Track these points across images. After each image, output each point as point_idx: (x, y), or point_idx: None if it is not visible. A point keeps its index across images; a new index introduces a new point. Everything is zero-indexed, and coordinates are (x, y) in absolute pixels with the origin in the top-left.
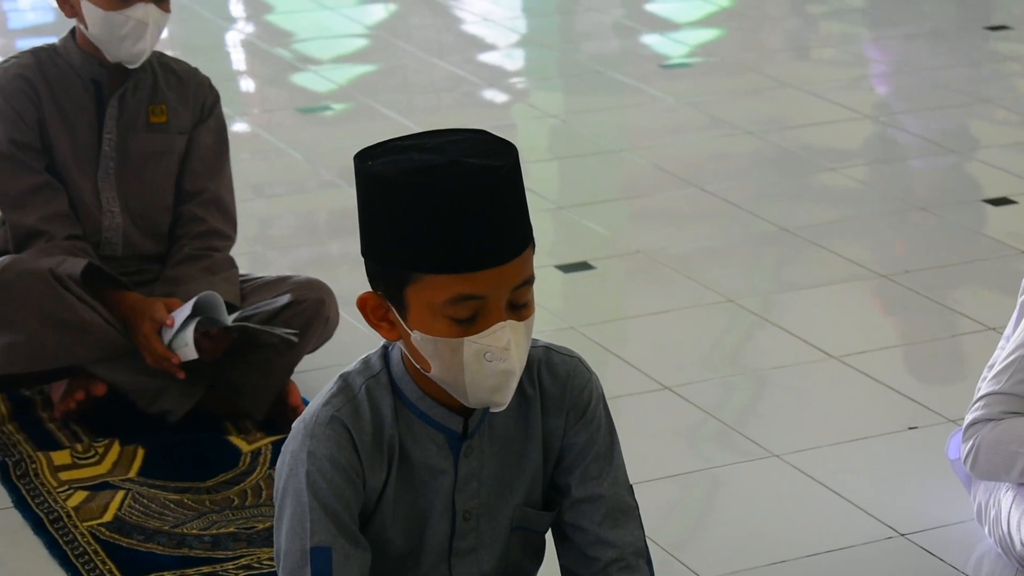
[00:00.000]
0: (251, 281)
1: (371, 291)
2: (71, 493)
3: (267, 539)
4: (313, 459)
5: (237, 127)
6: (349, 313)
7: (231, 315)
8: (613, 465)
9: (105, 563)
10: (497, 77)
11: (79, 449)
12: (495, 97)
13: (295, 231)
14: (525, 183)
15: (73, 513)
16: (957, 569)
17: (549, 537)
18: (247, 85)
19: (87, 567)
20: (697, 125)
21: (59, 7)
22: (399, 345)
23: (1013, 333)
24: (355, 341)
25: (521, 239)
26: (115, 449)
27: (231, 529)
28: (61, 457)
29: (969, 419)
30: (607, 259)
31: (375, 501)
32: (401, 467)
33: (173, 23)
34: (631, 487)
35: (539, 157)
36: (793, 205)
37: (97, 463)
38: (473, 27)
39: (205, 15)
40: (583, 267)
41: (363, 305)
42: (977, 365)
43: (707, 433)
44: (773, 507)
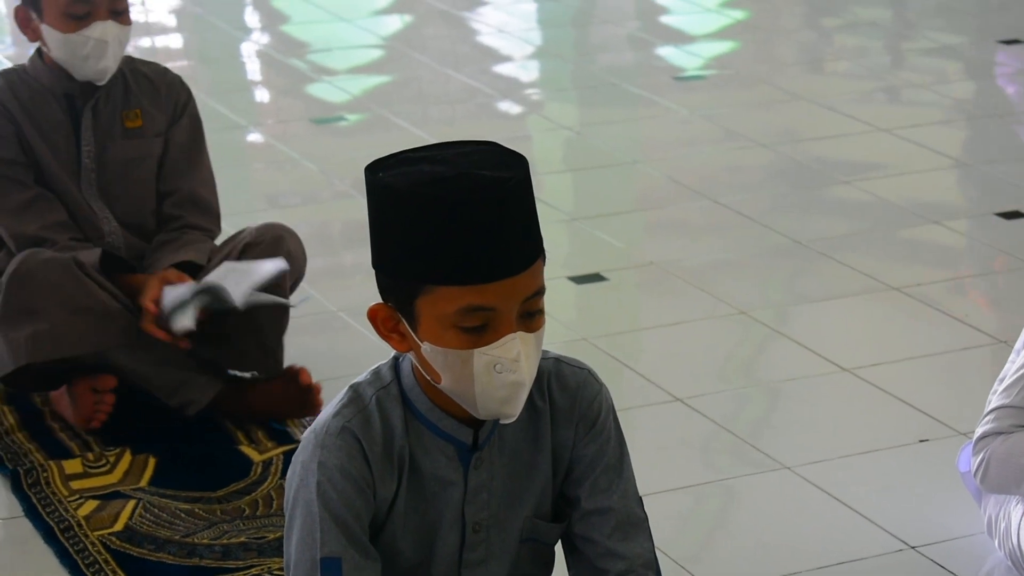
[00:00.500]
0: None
1: (381, 303)
2: (82, 502)
3: (278, 549)
4: (324, 469)
5: (251, 138)
6: (360, 323)
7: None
8: (623, 477)
9: (116, 573)
10: (512, 89)
11: (90, 458)
12: (510, 109)
13: (309, 241)
14: (539, 195)
15: (84, 522)
16: None
17: (559, 549)
18: (262, 96)
19: None
20: (711, 137)
21: (22, 32)
22: (409, 356)
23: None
24: (366, 352)
25: (531, 251)
26: (126, 458)
27: (242, 539)
28: (72, 466)
29: (979, 432)
30: (620, 271)
31: (385, 512)
32: (411, 478)
33: (188, 32)
34: (641, 499)
35: (553, 169)
36: (806, 217)
37: (108, 472)
38: (488, 39)
39: (220, 26)
40: (596, 279)
41: (374, 317)
42: (988, 378)
43: (719, 445)
44: (784, 519)
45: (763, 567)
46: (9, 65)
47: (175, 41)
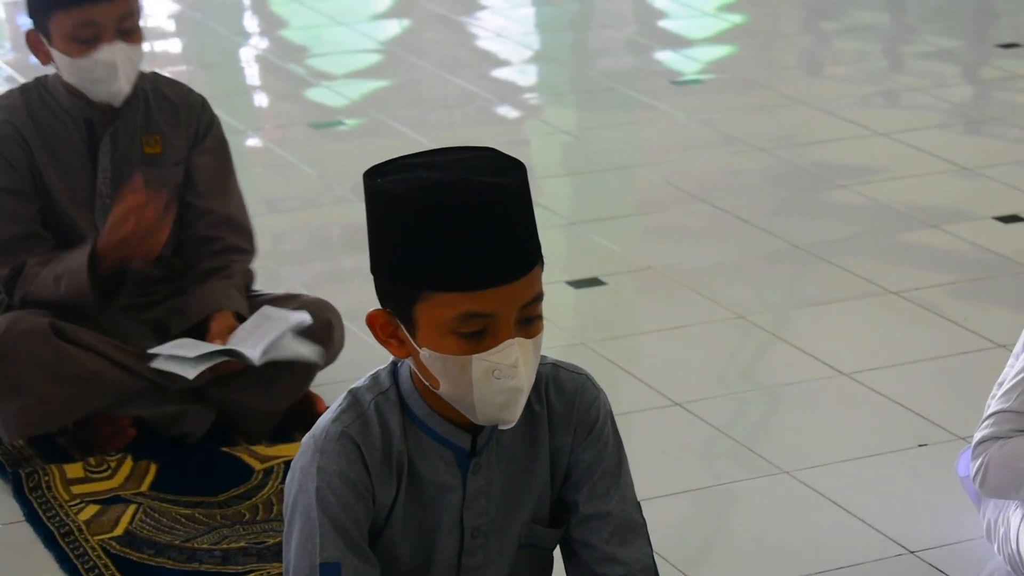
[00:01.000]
0: (260, 296)
1: (380, 308)
2: (82, 507)
3: (277, 554)
4: (323, 475)
5: (250, 142)
6: (360, 328)
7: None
8: (621, 482)
9: None
10: (510, 93)
11: (92, 463)
12: (508, 113)
13: (308, 246)
14: (537, 199)
15: (84, 527)
16: None
17: (557, 554)
18: (260, 100)
19: None
20: (709, 142)
21: (35, 56)
22: (408, 362)
23: (1022, 351)
24: (365, 357)
25: (529, 257)
26: (127, 463)
27: (242, 544)
28: (73, 470)
29: (978, 437)
30: (618, 275)
31: (384, 517)
32: (410, 484)
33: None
34: (639, 504)
35: (551, 173)
36: (804, 222)
37: (109, 477)
38: (487, 43)
39: (219, 31)
40: (594, 283)
41: (372, 322)
42: (987, 383)
43: (718, 449)
44: (783, 524)
45: (762, 572)
46: (9, 71)
47: (174, 46)
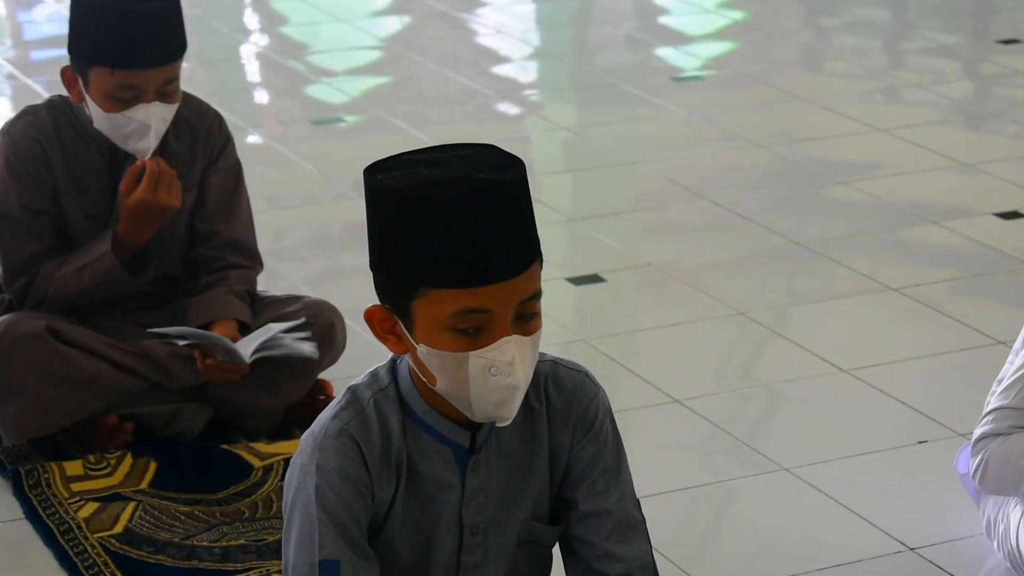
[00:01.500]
0: (261, 299)
1: (378, 304)
2: (82, 504)
3: (277, 551)
4: (322, 472)
5: (251, 139)
6: (360, 325)
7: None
8: (620, 479)
9: (115, 575)
10: (510, 89)
11: (91, 460)
12: (508, 109)
13: (308, 243)
14: (537, 195)
15: (84, 524)
16: None
17: (556, 551)
18: (261, 97)
19: None
20: (709, 138)
21: (67, 90)
22: (407, 359)
23: (1022, 347)
24: (365, 354)
25: (528, 254)
26: (127, 461)
27: (241, 541)
28: (73, 468)
29: (978, 433)
30: (618, 271)
31: (383, 515)
32: (409, 481)
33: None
34: (638, 501)
35: (551, 169)
36: (804, 218)
37: (109, 475)
38: (487, 39)
39: (220, 28)
40: (594, 279)
41: (370, 318)
42: (987, 379)
43: (717, 446)
44: (783, 521)
45: (761, 569)
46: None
47: None
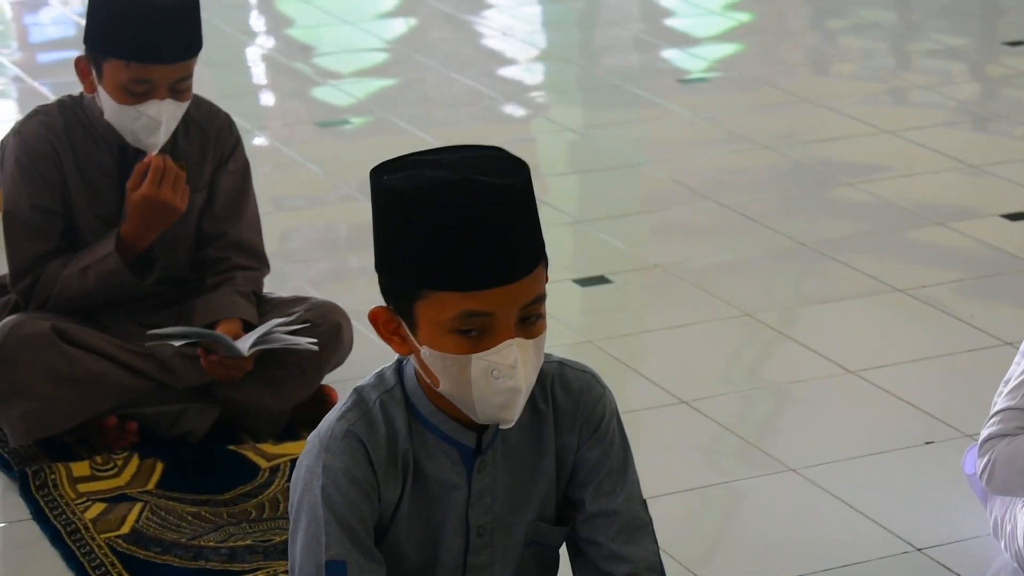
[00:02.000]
0: (267, 300)
1: (383, 306)
2: (89, 505)
3: (284, 552)
4: (328, 473)
5: (257, 141)
6: (366, 326)
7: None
8: (627, 480)
9: (122, 575)
10: (516, 91)
11: (98, 461)
12: (514, 111)
13: (314, 244)
14: (543, 197)
15: (91, 525)
16: None
17: (563, 552)
18: (267, 99)
19: None
20: (715, 139)
21: (80, 81)
22: (413, 360)
23: None
24: (371, 355)
25: (532, 258)
26: (134, 462)
27: (248, 542)
28: (80, 469)
29: (985, 434)
30: (625, 273)
31: (390, 516)
32: (415, 482)
33: None
34: (645, 502)
35: (557, 171)
36: (811, 220)
37: (116, 475)
38: (493, 41)
39: (226, 30)
40: (601, 281)
41: (375, 319)
42: (993, 380)
43: (724, 447)
44: (790, 521)
45: (769, 569)
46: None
47: None
